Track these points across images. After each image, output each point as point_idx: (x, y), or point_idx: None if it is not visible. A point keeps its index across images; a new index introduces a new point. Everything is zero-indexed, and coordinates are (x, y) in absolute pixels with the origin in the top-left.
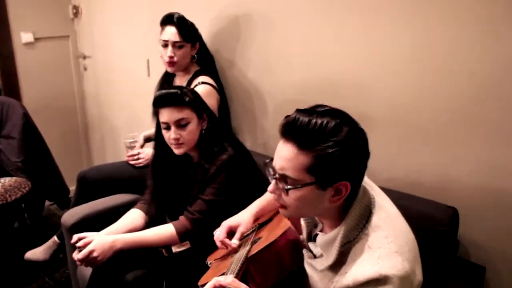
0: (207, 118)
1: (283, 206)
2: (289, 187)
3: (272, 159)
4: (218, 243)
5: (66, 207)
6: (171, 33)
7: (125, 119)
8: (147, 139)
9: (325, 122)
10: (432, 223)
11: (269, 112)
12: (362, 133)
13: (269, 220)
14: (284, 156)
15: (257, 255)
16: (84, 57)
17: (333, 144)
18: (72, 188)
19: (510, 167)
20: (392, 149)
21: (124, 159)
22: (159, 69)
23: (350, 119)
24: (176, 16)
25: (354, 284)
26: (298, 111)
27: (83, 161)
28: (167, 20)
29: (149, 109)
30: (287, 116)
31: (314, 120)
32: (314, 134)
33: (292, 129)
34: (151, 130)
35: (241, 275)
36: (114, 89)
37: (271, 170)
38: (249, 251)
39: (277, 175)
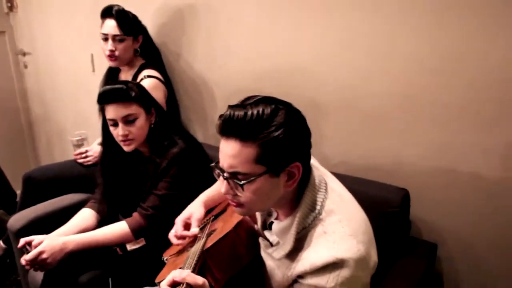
0: (155, 113)
1: (239, 205)
2: (243, 182)
3: (217, 162)
4: (175, 240)
5: (14, 211)
6: (110, 26)
7: (72, 117)
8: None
9: (260, 110)
10: (385, 205)
11: (218, 103)
12: (298, 113)
13: (223, 211)
14: (230, 153)
15: (213, 247)
16: (24, 54)
17: (275, 128)
18: (19, 191)
19: (457, 149)
20: (344, 134)
21: (72, 158)
22: (105, 64)
23: (283, 102)
24: (115, 8)
25: (311, 269)
26: (231, 107)
27: (30, 162)
28: (106, 12)
29: (96, 105)
30: (221, 115)
31: (250, 112)
32: (253, 124)
33: (230, 126)
34: None
35: (198, 269)
36: (58, 87)
37: (218, 171)
38: (204, 244)
39: (227, 175)
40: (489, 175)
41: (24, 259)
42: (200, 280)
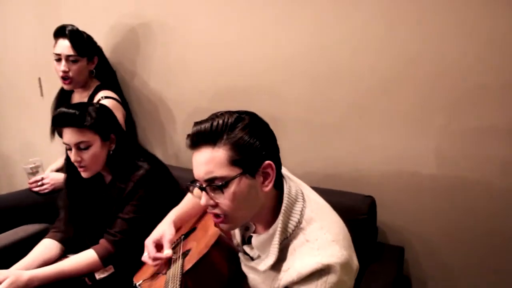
0: (115, 138)
1: (223, 219)
2: (221, 184)
3: (192, 181)
4: (150, 261)
5: None
6: (63, 46)
7: (18, 145)
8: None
9: (226, 118)
10: (353, 213)
11: (177, 122)
12: (261, 119)
13: (192, 230)
14: (204, 160)
15: (193, 269)
16: None
17: (242, 128)
18: None
19: (415, 153)
20: (304, 147)
21: (24, 187)
22: (54, 87)
23: (246, 111)
24: (69, 28)
25: (298, 278)
26: (196, 123)
27: None
28: (59, 32)
29: (45, 131)
30: (188, 134)
31: (215, 121)
32: (221, 130)
33: (199, 137)
34: (57, 163)
35: None
36: (1, 113)
37: (194, 188)
38: (182, 265)
39: (204, 184)
40: (444, 176)
41: None
42: None
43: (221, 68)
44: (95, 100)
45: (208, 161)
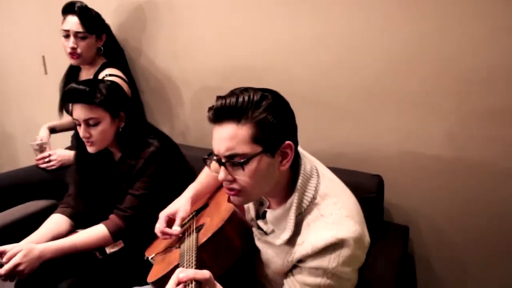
0: (124, 116)
1: (237, 193)
2: (242, 161)
3: (210, 154)
4: (159, 235)
5: None
6: (72, 22)
7: (21, 123)
8: (51, 131)
9: (251, 94)
10: (362, 192)
11: (184, 100)
12: (283, 98)
13: (205, 205)
14: (226, 136)
15: (207, 242)
16: None
17: (266, 107)
18: None
19: (422, 135)
20: (314, 126)
21: (27, 165)
22: (58, 65)
23: (266, 88)
24: (77, 5)
25: (312, 251)
26: (220, 97)
27: None
28: (68, 8)
29: (48, 109)
30: (211, 107)
31: (241, 97)
32: (247, 106)
33: (224, 112)
34: (55, 122)
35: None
36: (3, 91)
37: (212, 161)
38: (197, 239)
39: (224, 159)
40: (450, 157)
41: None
42: (207, 274)
43: (229, 48)
44: (100, 78)
45: (231, 137)
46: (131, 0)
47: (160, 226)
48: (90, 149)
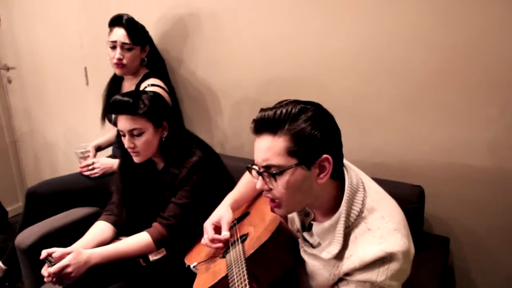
0: (167, 125)
1: (277, 205)
2: (275, 172)
3: (252, 163)
4: (209, 243)
5: (6, 231)
6: (119, 34)
7: (61, 132)
8: (98, 149)
9: (290, 108)
10: (403, 202)
11: (223, 111)
12: (326, 111)
13: (246, 214)
14: (263, 147)
15: (255, 254)
16: (8, 69)
17: (305, 120)
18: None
19: (463, 145)
20: (353, 136)
21: (67, 173)
22: (99, 77)
23: (312, 102)
24: (125, 17)
25: (360, 265)
26: (262, 109)
27: (15, 183)
28: (116, 21)
29: (88, 119)
30: (254, 119)
31: (279, 110)
32: (283, 119)
33: (262, 124)
34: (101, 139)
35: None
36: (45, 101)
37: (254, 171)
38: (243, 250)
39: (261, 169)
40: (493, 168)
41: (48, 271)
42: None
43: (269, 60)
44: (142, 87)
45: (267, 148)
46: (173, 13)
47: (209, 235)
48: (136, 159)
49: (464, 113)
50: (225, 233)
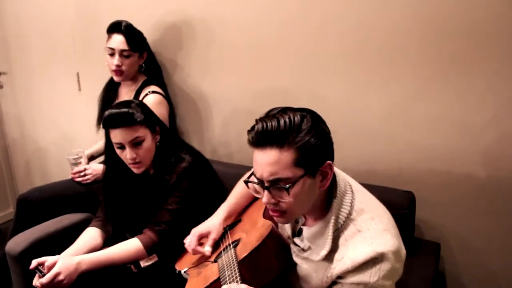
0: (159, 130)
1: (282, 214)
2: (288, 186)
3: (250, 175)
4: (190, 251)
5: None
6: (118, 41)
7: (53, 138)
8: (90, 158)
9: (291, 117)
10: (393, 208)
11: (216, 117)
12: (320, 116)
13: (238, 221)
14: (269, 161)
15: (247, 258)
16: None
17: (307, 131)
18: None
19: (454, 153)
20: (343, 145)
21: (58, 179)
22: (92, 82)
23: (303, 108)
24: (124, 24)
25: (353, 267)
26: (260, 119)
27: (6, 189)
28: (115, 28)
29: (80, 125)
30: (251, 129)
31: (282, 120)
32: (289, 131)
33: (266, 136)
34: (92, 148)
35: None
36: (37, 107)
37: (255, 185)
38: (236, 254)
39: (267, 184)
40: (483, 174)
41: (40, 282)
42: None
43: (261, 69)
44: (142, 94)
45: (274, 162)
46: (165, 20)
47: (191, 244)
48: (138, 170)
49: (456, 121)
50: (207, 249)
